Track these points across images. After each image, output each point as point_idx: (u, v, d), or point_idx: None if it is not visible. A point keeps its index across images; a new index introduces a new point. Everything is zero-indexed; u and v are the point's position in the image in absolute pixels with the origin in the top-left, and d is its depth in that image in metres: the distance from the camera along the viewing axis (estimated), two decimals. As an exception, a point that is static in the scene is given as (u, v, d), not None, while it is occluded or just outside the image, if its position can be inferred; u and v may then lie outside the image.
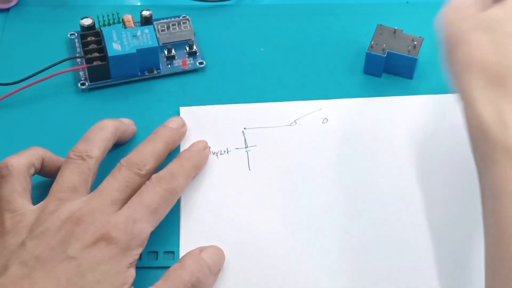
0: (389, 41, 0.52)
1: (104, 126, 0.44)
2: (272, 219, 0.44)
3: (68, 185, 0.40)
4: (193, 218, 0.44)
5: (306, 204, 0.45)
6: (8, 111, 0.50)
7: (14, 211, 0.39)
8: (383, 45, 0.52)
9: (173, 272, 0.38)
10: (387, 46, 0.52)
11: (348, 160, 0.47)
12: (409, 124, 0.49)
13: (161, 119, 0.48)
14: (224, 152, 0.48)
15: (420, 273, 0.42)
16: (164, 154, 0.44)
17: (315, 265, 0.42)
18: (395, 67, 0.52)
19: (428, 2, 0.59)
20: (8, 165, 0.41)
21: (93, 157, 0.42)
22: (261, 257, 0.42)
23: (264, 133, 0.49)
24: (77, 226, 0.38)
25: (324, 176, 0.46)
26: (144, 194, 0.40)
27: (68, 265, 0.36)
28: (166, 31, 0.55)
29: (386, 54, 0.51)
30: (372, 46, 0.52)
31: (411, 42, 0.52)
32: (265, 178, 0.46)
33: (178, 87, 0.52)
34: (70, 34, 0.55)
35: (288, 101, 0.51)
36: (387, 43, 0.52)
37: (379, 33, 0.53)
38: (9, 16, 0.57)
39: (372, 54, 0.52)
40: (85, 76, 0.52)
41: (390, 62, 0.52)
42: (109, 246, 0.37)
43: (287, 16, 0.58)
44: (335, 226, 0.44)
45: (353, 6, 0.59)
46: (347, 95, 0.51)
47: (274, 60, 0.55)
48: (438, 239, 0.43)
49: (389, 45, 0.52)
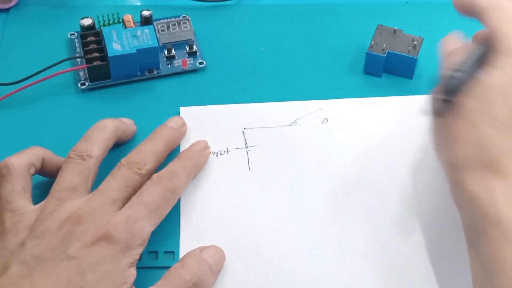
0: (389, 41, 0.52)
1: (104, 126, 0.44)
2: (272, 219, 0.44)
3: (68, 185, 0.40)
4: (193, 218, 0.44)
5: (306, 204, 0.45)
6: (8, 111, 0.50)
7: (14, 211, 0.39)
8: (383, 45, 0.52)
9: (174, 272, 0.38)
10: (387, 46, 0.52)
11: (348, 160, 0.47)
12: (409, 124, 0.49)
13: (161, 119, 0.48)
14: (224, 152, 0.48)
15: (421, 274, 0.42)
16: (164, 153, 0.44)
17: (315, 265, 0.42)
18: (395, 67, 0.52)
19: (428, 2, 0.59)
20: (8, 165, 0.41)
21: (93, 156, 0.42)
22: (261, 257, 0.42)
23: (264, 133, 0.49)
24: (77, 226, 0.38)
25: (324, 176, 0.46)
26: (144, 194, 0.40)
27: (68, 264, 0.36)
28: (166, 31, 0.55)
29: (386, 54, 0.51)
30: (372, 46, 0.52)
31: (411, 42, 0.52)
32: (265, 178, 0.46)
33: (178, 87, 0.52)
34: (70, 34, 0.55)
35: (288, 101, 0.51)
36: (387, 43, 0.52)
37: (379, 33, 0.53)
38: (9, 16, 0.57)
39: (372, 54, 0.52)
40: (85, 76, 0.52)
41: (390, 62, 0.52)
42: (110, 246, 0.37)
43: (287, 16, 0.58)
44: (335, 225, 0.44)
45: (353, 6, 0.59)
46: (347, 95, 0.51)
47: (274, 60, 0.55)
48: (440, 239, 0.43)
49: (389, 45, 0.52)
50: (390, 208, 0.45)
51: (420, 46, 0.52)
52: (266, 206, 0.45)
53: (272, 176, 0.46)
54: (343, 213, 0.44)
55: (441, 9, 0.59)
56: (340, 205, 0.45)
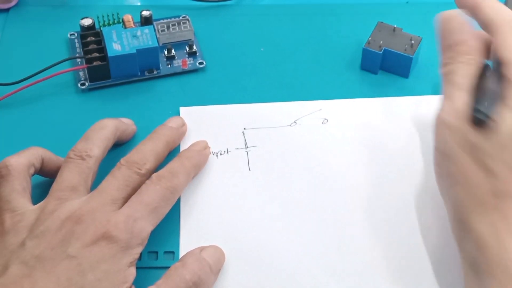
0: (387, 38, 0.52)
1: (104, 126, 0.44)
2: (272, 219, 0.44)
3: (68, 185, 0.40)
4: (193, 218, 0.44)
5: (306, 204, 0.45)
6: (8, 111, 0.50)
7: (14, 211, 0.39)
8: (380, 42, 0.52)
9: (174, 271, 0.38)
10: (384, 43, 0.52)
11: (348, 160, 0.47)
12: (409, 124, 0.49)
13: (161, 119, 0.48)
14: (224, 152, 0.48)
15: (421, 273, 0.42)
16: (164, 153, 0.44)
17: (314, 265, 0.42)
18: (391, 65, 0.52)
19: (428, 2, 0.59)
20: (8, 165, 0.41)
21: (93, 156, 0.42)
22: (261, 257, 0.42)
23: (264, 133, 0.49)
24: (77, 226, 0.38)
25: (324, 176, 0.46)
26: (144, 193, 0.40)
27: (68, 264, 0.36)
28: (166, 31, 0.54)
29: (383, 51, 0.51)
30: (369, 42, 0.52)
31: (409, 41, 0.52)
32: (265, 179, 0.46)
33: (178, 87, 0.52)
34: (70, 34, 0.56)
35: (288, 101, 0.51)
36: (384, 40, 0.52)
37: (378, 30, 0.53)
38: (9, 16, 0.57)
39: (369, 50, 0.52)
40: (85, 76, 0.52)
41: (386, 59, 0.52)
42: (110, 245, 0.37)
43: (287, 16, 0.58)
44: (335, 225, 0.44)
45: (353, 6, 0.59)
46: (346, 94, 0.51)
47: (274, 60, 0.55)
48: (440, 238, 0.43)
49: (387, 43, 0.52)
50: (390, 208, 0.45)
51: (417, 46, 0.52)
52: (266, 206, 0.45)
53: (272, 176, 0.46)
54: (343, 213, 0.44)
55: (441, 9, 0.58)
56: (340, 205, 0.45)
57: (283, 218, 0.44)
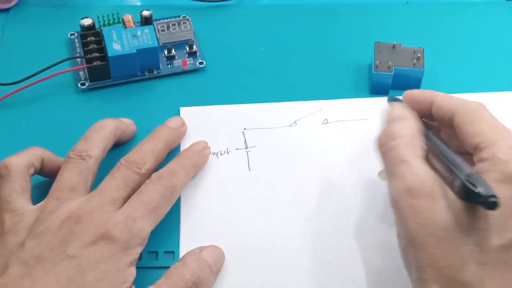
0: (391, 57, 0.51)
1: (104, 126, 0.44)
2: (272, 219, 0.44)
3: (68, 185, 0.40)
4: (193, 218, 0.44)
5: (305, 205, 0.45)
6: (8, 111, 0.50)
7: (14, 211, 0.39)
8: (388, 63, 0.50)
9: (174, 271, 0.38)
10: (392, 63, 0.50)
11: (348, 161, 0.47)
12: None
13: (161, 119, 0.48)
14: (224, 153, 0.48)
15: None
16: (163, 153, 0.44)
17: (314, 265, 0.42)
18: (401, 82, 0.51)
19: (428, 2, 0.59)
20: (8, 165, 0.41)
21: (93, 156, 0.42)
22: (260, 257, 0.42)
23: (264, 133, 0.49)
24: (77, 225, 0.38)
25: (324, 177, 0.46)
26: (144, 193, 0.40)
27: (68, 264, 0.36)
28: (166, 31, 0.55)
29: (393, 71, 0.50)
30: (377, 66, 0.50)
31: (413, 54, 0.51)
32: (265, 179, 0.46)
33: (178, 87, 0.52)
34: (70, 34, 0.56)
35: (288, 101, 0.51)
36: (391, 60, 0.51)
37: (379, 51, 0.51)
38: (9, 16, 0.57)
39: (380, 74, 0.50)
40: (85, 76, 0.52)
41: (397, 78, 0.51)
42: (109, 245, 0.37)
43: (287, 16, 0.58)
44: (335, 226, 0.44)
45: (353, 6, 0.59)
46: (347, 95, 0.51)
47: (274, 60, 0.55)
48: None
49: (393, 62, 0.51)
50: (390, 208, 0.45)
51: (423, 57, 0.51)
52: (266, 207, 0.45)
53: (272, 176, 0.46)
54: (343, 214, 0.44)
55: (441, 9, 0.59)
56: (340, 205, 0.45)
57: (283, 218, 0.44)
